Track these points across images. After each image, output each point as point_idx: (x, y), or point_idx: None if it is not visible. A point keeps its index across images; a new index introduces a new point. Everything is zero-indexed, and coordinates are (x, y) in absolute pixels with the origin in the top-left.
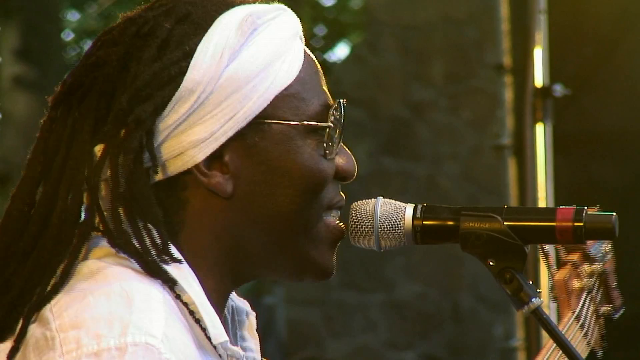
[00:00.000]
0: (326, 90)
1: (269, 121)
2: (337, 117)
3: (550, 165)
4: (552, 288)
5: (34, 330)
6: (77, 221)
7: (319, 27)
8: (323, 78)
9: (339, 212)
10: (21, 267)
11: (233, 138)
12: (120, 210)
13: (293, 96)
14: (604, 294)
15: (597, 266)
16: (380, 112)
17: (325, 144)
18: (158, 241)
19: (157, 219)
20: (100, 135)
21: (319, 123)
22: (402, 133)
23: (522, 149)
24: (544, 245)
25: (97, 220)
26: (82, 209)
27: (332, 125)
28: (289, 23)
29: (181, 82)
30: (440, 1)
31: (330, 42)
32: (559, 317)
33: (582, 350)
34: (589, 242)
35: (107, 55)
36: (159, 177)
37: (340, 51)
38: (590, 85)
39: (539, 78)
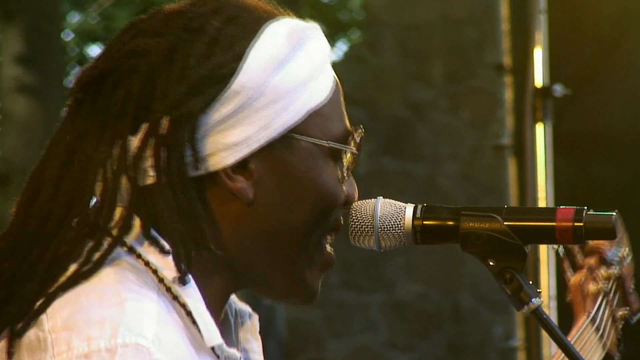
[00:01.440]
0: (346, 114)
1: (299, 136)
2: (356, 143)
3: (550, 165)
4: (567, 292)
5: (28, 331)
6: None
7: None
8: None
9: (333, 236)
10: (45, 252)
11: (263, 147)
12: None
13: (323, 116)
14: (621, 298)
15: (613, 270)
16: (380, 112)
17: (343, 169)
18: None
19: (198, 213)
20: (141, 121)
21: (343, 147)
22: (402, 133)
23: (522, 149)
24: (559, 250)
25: (117, 217)
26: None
27: (355, 150)
28: (325, 43)
29: (230, 83)
30: (440, 1)
31: (330, 42)
32: (574, 320)
33: (597, 353)
34: (606, 246)
35: (150, 45)
36: (195, 173)
37: (335, 52)
38: (590, 85)
39: (539, 78)
